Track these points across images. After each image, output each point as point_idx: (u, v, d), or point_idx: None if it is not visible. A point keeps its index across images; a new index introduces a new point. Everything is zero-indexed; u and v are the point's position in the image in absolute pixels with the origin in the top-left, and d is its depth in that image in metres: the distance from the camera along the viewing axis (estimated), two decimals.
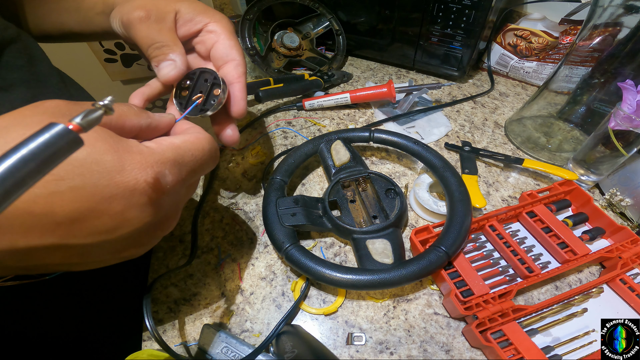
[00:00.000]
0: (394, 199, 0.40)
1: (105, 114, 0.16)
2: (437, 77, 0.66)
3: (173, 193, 0.21)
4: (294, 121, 0.56)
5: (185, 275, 0.37)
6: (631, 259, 0.35)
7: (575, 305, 0.33)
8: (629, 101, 0.37)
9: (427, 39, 0.60)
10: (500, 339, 0.30)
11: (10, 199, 0.12)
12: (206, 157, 0.23)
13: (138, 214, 0.19)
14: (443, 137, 0.53)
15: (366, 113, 0.58)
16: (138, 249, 0.22)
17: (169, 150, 0.21)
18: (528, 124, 0.52)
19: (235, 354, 0.30)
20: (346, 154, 0.43)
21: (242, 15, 0.61)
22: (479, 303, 0.32)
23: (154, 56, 0.28)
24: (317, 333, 0.33)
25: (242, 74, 0.31)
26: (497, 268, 0.36)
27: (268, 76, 0.60)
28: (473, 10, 0.53)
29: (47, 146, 0.12)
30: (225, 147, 0.50)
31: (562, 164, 0.46)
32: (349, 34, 0.66)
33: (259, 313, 0.34)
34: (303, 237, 0.40)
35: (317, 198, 0.41)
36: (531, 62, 0.60)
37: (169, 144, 0.21)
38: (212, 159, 0.25)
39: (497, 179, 0.47)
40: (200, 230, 0.41)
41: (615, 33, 0.41)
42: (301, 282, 0.36)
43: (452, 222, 0.35)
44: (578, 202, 0.41)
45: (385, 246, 0.35)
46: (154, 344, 0.32)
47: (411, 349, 0.32)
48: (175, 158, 0.21)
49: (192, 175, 0.23)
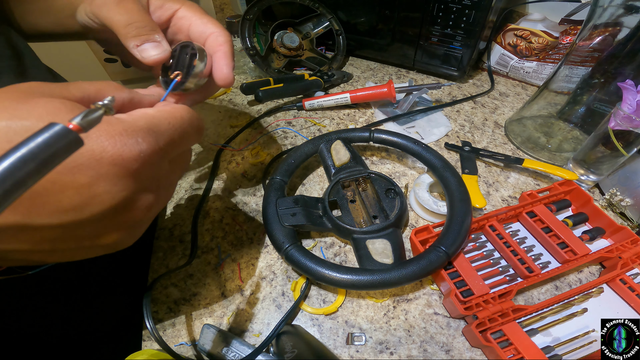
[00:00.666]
0: (394, 199, 0.40)
1: (106, 114, 0.16)
2: (437, 77, 0.66)
3: (150, 165, 0.19)
4: (294, 121, 0.56)
5: (185, 275, 0.37)
6: (631, 259, 0.35)
7: (575, 305, 0.33)
8: (629, 101, 0.37)
9: (427, 39, 0.60)
10: (500, 339, 0.30)
11: (10, 199, 0.12)
12: (185, 126, 0.22)
13: (108, 187, 0.17)
14: (443, 137, 0.53)
15: (366, 113, 0.58)
16: (120, 234, 0.20)
17: (142, 119, 0.19)
18: (528, 124, 0.52)
19: (235, 354, 0.29)
20: (346, 154, 0.43)
21: (242, 15, 0.61)
22: (479, 303, 0.32)
23: (135, 35, 0.26)
24: (317, 333, 0.33)
25: (223, 42, 0.30)
26: (497, 268, 0.36)
27: (268, 76, 0.60)
28: (473, 10, 0.53)
29: (47, 146, 0.12)
30: (225, 146, 0.50)
31: (562, 164, 0.46)
32: (349, 34, 0.66)
33: (259, 313, 0.34)
34: (303, 237, 0.40)
35: (317, 198, 0.41)
36: (531, 62, 0.60)
37: (142, 113, 0.20)
38: (194, 129, 0.23)
39: (497, 179, 0.47)
40: (200, 230, 0.41)
41: (615, 33, 0.41)
42: (301, 282, 0.36)
43: (452, 222, 0.35)
44: (578, 202, 0.41)
45: (385, 246, 0.35)
46: (154, 344, 0.32)
47: (411, 349, 0.32)
48: (149, 127, 0.19)
49: (172, 146, 0.21)
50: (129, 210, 0.19)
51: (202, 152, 0.51)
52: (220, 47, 0.30)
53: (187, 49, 0.28)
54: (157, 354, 0.29)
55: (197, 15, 0.30)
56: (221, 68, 0.29)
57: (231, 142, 0.52)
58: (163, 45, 0.27)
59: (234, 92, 0.63)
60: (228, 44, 0.30)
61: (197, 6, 0.31)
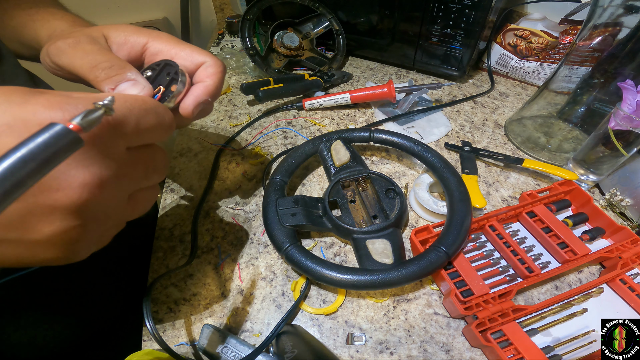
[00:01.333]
0: (394, 199, 0.40)
1: (106, 114, 0.16)
2: (437, 77, 0.66)
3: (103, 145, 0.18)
4: (294, 121, 0.56)
5: (185, 275, 0.37)
6: (631, 259, 0.35)
7: (575, 305, 0.33)
8: (629, 101, 0.37)
9: (427, 39, 0.60)
10: (500, 339, 0.30)
11: (10, 199, 0.12)
12: (147, 108, 0.21)
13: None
14: (443, 137, 0.53)
15: (366, 113, 0.58)
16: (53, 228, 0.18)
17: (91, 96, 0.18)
18: (528, 124, 0.52)
19: (235, 354, 0.30)
20: (346, 154, 0.43)
21: (242, 15, 0.61)
22: (479, 303, 0.32)
23: (105, 77, 0.24)
24: (317, 333, 0.33)
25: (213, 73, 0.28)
26: (497, 268, 0.36)
27: (268, 76, 0.60)
28: (473, 10, 0.53)
29: (47, 146, 0.13)
30: (225, 146, 0.50)
31: (562, 164, 0.46)
32: (349, 34, 0.66)
33: (259, 313, 0.34)
34: (303, 237, 0.40)
35: (317, 198, 0.41)
36: (531, 62, 0.60)
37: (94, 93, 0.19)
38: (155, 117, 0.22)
39: (497, 179, 0.47)
40: (200, 230, 0.41)
41: (615, 33, 0.41)
42: (301, 282, 0.36)
43: (452, 222, 0.35)
44: (578, 202, 0.41)
45: (385, 246, 0.35)
46: (154, 344, 0.32)
47: (411, 349, 0.32)
48: None
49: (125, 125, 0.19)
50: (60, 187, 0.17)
51: (202, 152, 0.51)
52: (208, 78, 0.28)
53: (170, 67, 0.27)
54: (157, 354, 0.29)
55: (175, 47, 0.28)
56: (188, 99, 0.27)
57: (231, 142, 0.52)
58: (140, 82, 0.25)
59: (234, 92, 0.63)
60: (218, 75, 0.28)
61: (166, 35, 0.28)
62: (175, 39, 0.29)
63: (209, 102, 0.28)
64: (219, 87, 0.29)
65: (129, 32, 0.27)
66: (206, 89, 0.28)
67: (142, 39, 0.28)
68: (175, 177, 0.47)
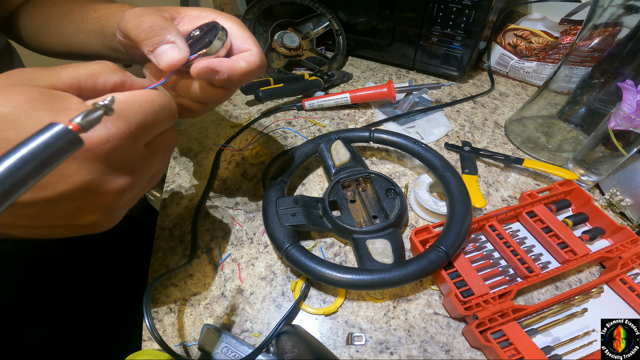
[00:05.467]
0: (394, 199, 0.40)
1: (106, 114, 0.16)
2: (437, 77, 0.66)
3: (121, 148, 0.19)
4: (294, 121, 0.56)
5: (185, 275, 0.37)
6: (631, 259, 0.35)
7: (575, 306, 0.33)
8: (629, 101, 0.37)
9: (427, 39, 0.60)
10: (500, 339, 0.30)
11: (11, 199, 0.12)
12: (157, 109, 0.22)
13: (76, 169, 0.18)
14: (443, 137, 0.53)
15: (366, 113, 0.58)
16: (97, 216, 0.21)
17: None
18: (528, 124, 0.52)
19: (235, 354, 0.30)
20: (346, 154, 0.43)
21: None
22: (479, 303, 0.32)
23: (144, 38, 0.24)
24: (317, 333, 0.33)
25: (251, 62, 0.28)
26: (497, 268, 0.36)
27: (268, 76, 0.60)
28: (473, 10, 0.53)
29: (47, 146, 0.13)
30: (225, 146, 0.50)
31: (562, 164, 0.46)
32: (349, 34, 0.66)
33: (259, 313, 0.34)
34: (303, 237, 0.40)
35: (317, 198, 0.41)
36: (531, 62, 0.60)
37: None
38: (166, 112, 0.23)
39: (497, 179, 0.47)
40: (200, 230, 0.41)
41: (615, 33, 0.41)
42: (301, 282, 0.36)
43: (452, 222, 0.35)
44: (578, 202, 0.41)
45: (385, 246, 0.35)
46: (154, 344, 0.32)
47: (411, 349, 0.32)
48: (118, 111, 0.19)
49: (144, 129, 0.21)
50: (100, 192, 0.20)
51: (202, 152, 0.51)
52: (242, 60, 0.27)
53: (215, 30, 0.26)
54: (157, 354, 0.29)
55: (236, 29, 0.28)
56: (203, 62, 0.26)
57: (231, 142, 0.52)
58: (178, 44, 0.25)
59: None
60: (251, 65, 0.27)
61: (235, 19, 0.29)
62: (242, 24, 0.29)
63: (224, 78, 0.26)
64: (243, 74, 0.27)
65: (203, 9, 0.29)
66: (230, 66, 0.27)
67: (212, 16, 0.29)
68: (175, 177, 0.47)
